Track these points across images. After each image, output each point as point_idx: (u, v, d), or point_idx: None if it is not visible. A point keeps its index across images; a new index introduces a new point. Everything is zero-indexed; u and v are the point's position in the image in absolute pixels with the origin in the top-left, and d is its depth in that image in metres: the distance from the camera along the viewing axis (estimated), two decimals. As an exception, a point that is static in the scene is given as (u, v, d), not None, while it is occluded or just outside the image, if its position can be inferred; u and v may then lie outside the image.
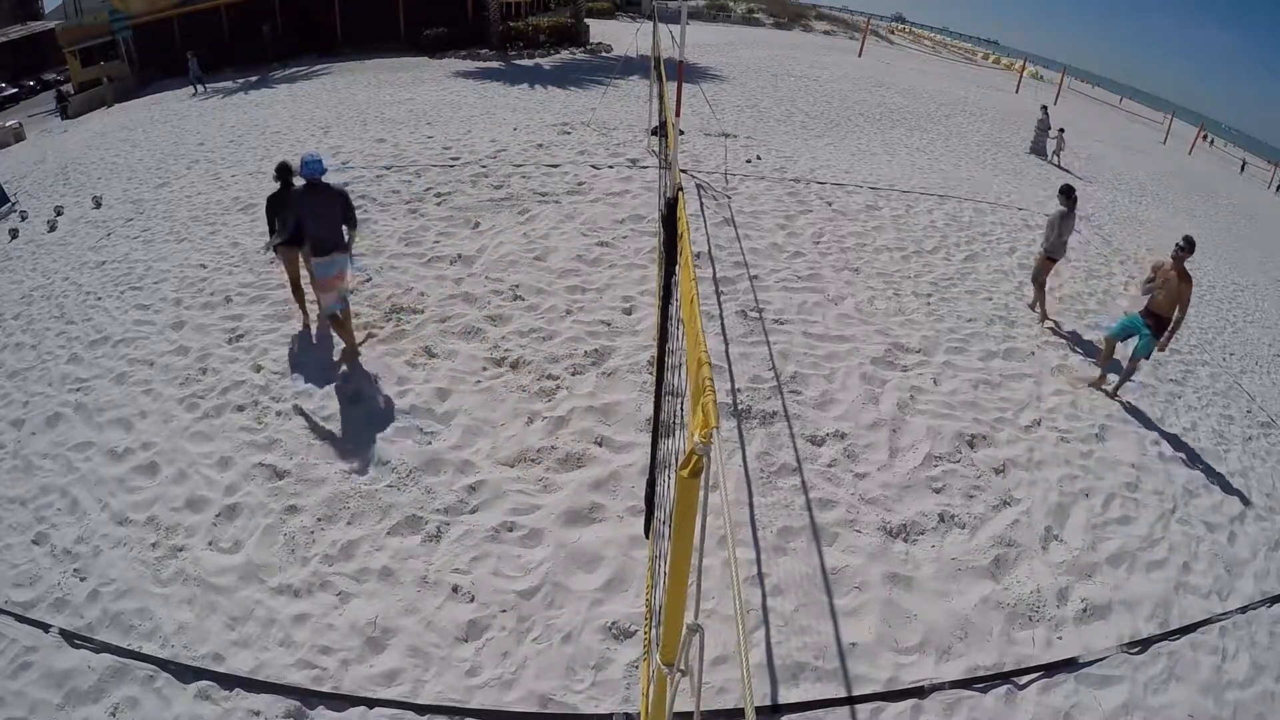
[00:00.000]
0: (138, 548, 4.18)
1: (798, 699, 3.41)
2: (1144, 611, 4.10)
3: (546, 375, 5.55)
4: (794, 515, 4.39)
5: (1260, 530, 5.03)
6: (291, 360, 5.78)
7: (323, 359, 5.78)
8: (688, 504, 1.54)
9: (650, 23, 11.95)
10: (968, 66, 38.41)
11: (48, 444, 5.11)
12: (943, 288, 7.40)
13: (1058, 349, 6.67)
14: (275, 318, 6.39)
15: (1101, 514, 4.76)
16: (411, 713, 3.32)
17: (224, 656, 3.55)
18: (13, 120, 19.97)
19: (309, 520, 4.30)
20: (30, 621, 3.78)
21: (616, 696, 3.39)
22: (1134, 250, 10.29)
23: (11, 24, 35.68)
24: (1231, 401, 6.69)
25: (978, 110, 19.82)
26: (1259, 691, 3.80)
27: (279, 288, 6.88)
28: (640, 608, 3.77)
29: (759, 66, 21.07)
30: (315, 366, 5.69)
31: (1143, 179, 17.03)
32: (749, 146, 11.50)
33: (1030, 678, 3.63)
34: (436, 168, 9.82)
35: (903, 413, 5.39)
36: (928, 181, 11.01)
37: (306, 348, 5.94)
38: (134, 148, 13.30)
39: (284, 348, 5.95)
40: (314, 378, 5.56)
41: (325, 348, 5.91)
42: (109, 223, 9.25)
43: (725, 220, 8.33)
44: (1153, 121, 36.44)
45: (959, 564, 4.21)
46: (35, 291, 7.55)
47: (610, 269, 7.11)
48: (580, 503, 4.41)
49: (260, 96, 16.77)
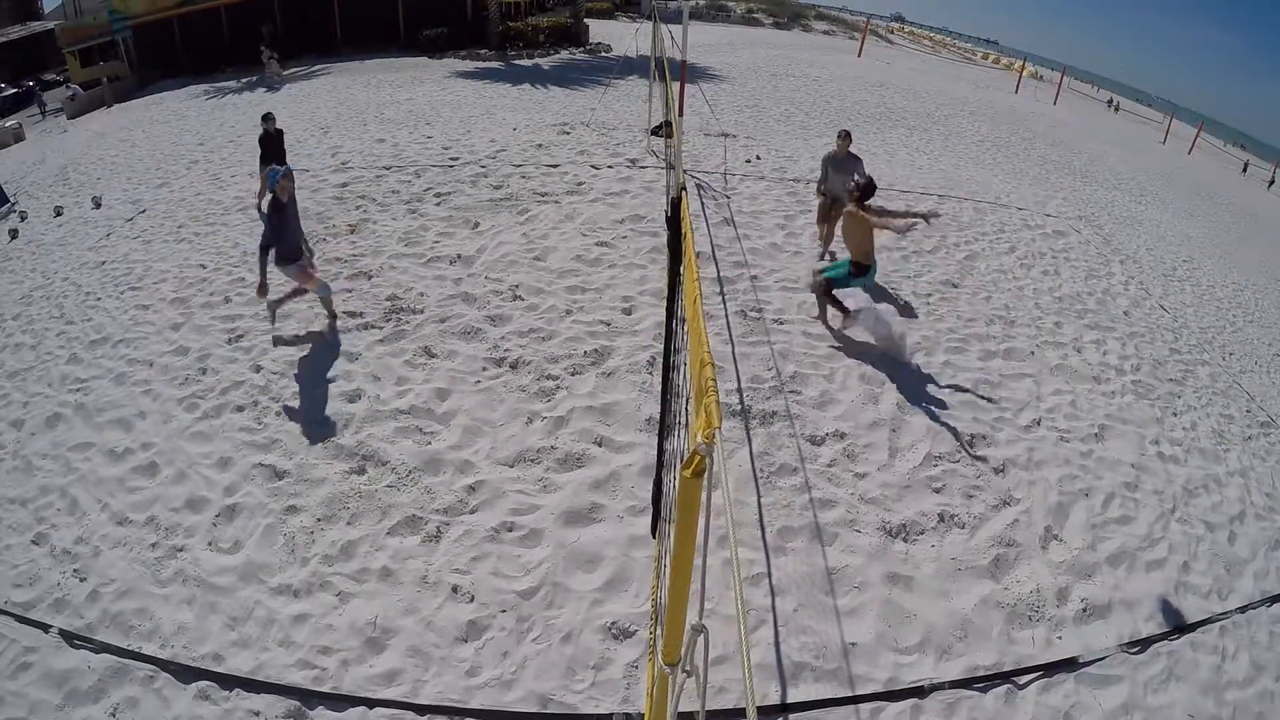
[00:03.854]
0: (137, 548, 4.18)
1: (798, 699, 3.41)
2: (1144, 611, 4.11)
3: (546, 375, 5.55)
4: (794, 515, 4.39)
5: (1260, 530, 5.04)
6: (291, 360, 5.77)
7: (322, 359, 5.78)
8: (690, 504, 1.54)
9: (650, 23, 11.95)
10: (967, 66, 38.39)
11: (47, 444, 5.11)
12: (942, 288, 7.40)
13: (1058, 348, 6.67)
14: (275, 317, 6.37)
15: (1101, 514, 4.76)
16: (411, 713, 3.33)
17: (224, 657, 3.55)
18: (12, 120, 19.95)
19: (309, 520, 4.30)
20: (30, 622, 3.78)
21: (616, 696, 3.39)
22: (1134, 250, 10.30)
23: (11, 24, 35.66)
24: (1231, 401, 6.69)
25: (977, 110, 19.82)
26: (1259, 691, 3.80)
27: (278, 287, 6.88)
28: (641, 607, 3.77)
29: (759, 66, 21.07)
30: (315, 366, 5.69)
31: (1142, 179, 17.03)
32: (749, 146, 11.50)
33: (1030, 677, 3.63)
34: (436, 168, 9.82)
35: (902, 413, 5.39)
36: (927, 181, 11.02)
37: (306, 347, 5.94)
38: (133, 148, 13.28)
39: (284, 347, 5.95)
40: (314, 377, 5.56)
41: (325, 347, 5.91)
42: (109, 223, 9.25)
43: (725, 220, 8.33)
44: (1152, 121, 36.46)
45: (959, 564, 4.21)
46: (35, 292, 7.54)
47: (610, 269, 7.11)
48: (580, 503, 4.41)
49: (260, 96, 16.76)
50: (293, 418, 5.14)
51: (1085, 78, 55.42)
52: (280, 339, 6.04)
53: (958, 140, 15.02)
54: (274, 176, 5.67)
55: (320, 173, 9.43)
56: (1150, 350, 7.12)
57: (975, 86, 26.65)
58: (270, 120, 8.60)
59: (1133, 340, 7.19)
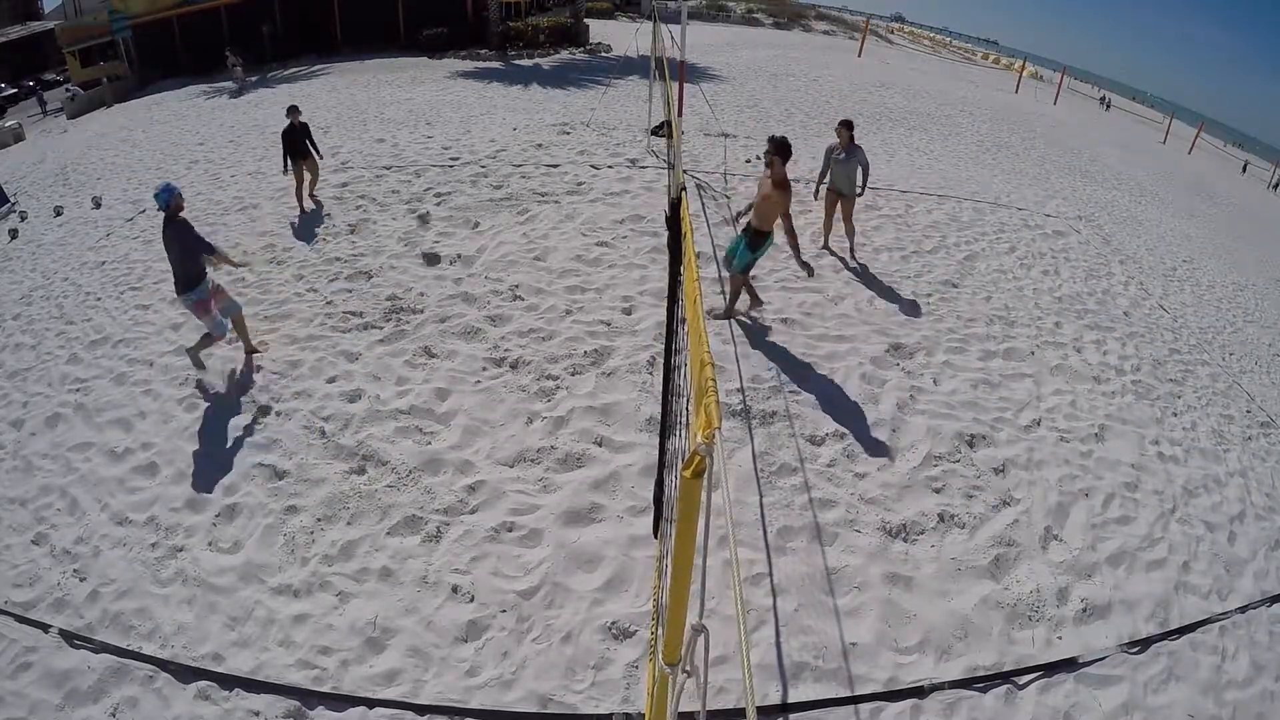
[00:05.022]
0: (137, 548, 4.18)
1: (798, 699, 3.41)
2: (1144, 611, 4.11)
3: (546, 375, 5.55)
4: (794, 515, 4.39)
5: (1260, 530, 5.04)
6: (291, 360, 5.77)
7: (323, 359, 5.78)
8: (690, 504, 1.54)
9: (650, 23, 11.95)
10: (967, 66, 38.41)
11: (47, 444, 5.11)
12: (942, 288, 7.40)
13: (1058, 349, 6.67)
14: (275, 317, 6.39)
15: (1101, 514, 4.76)
16: (411, 713, 3.33)
17: (224, 657, 3.55)
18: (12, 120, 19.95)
19: (309, 520, 4.30)
20: (30, 622, 3.78)
21: (616, 696, 3.39)
22: (1134, 250, 10.30)
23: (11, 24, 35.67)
24: (1231, 401, 6.69)
25: (977, 110, 19.82)
26: (1258, 691, 3.80)
27: (279, 287, 6.90)
28: (642, 607, 3.77)
29: (759, 66, 21.07)
30: (315, 366, 5.69)
31: (1142, 179, 17.03)
32: (749, 146, 11.50)
33: (1030, 677, 3.63)
34: (436, 168, 9.82)
35: (903, 413, 5.39)
36: (927, 181, 11.02)
37: (306, 347, 5.94)
38: (134, 148, 13.30)
39: (284, 347, 5.95)
40: (313, 377, 5.56)
41: (325, 347, 5.91)
42: (109, 223, 9.25)
43: (725, 220, 8.33)
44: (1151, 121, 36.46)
45: (959, 564, 4.21)
46: (35, 292, 7.55)
47: (610, 269, 7.11)
48: (580, 503, 4.41)
49: (260, 96, 16.77)
50: (293, 418, 5.14)
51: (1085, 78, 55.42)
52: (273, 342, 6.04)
53: (958, 140, 15.02)
54: (167, 195, 5.23)
55: (320, 172, 9.42)
56: (1150, 350, 7.12)
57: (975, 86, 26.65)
58: (295, 113, 8.55)
59: (1133, 340, 7.19)
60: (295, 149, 8.42)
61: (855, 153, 7.33)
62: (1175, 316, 8.30)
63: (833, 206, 7.67)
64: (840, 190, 7.50)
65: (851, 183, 7.41)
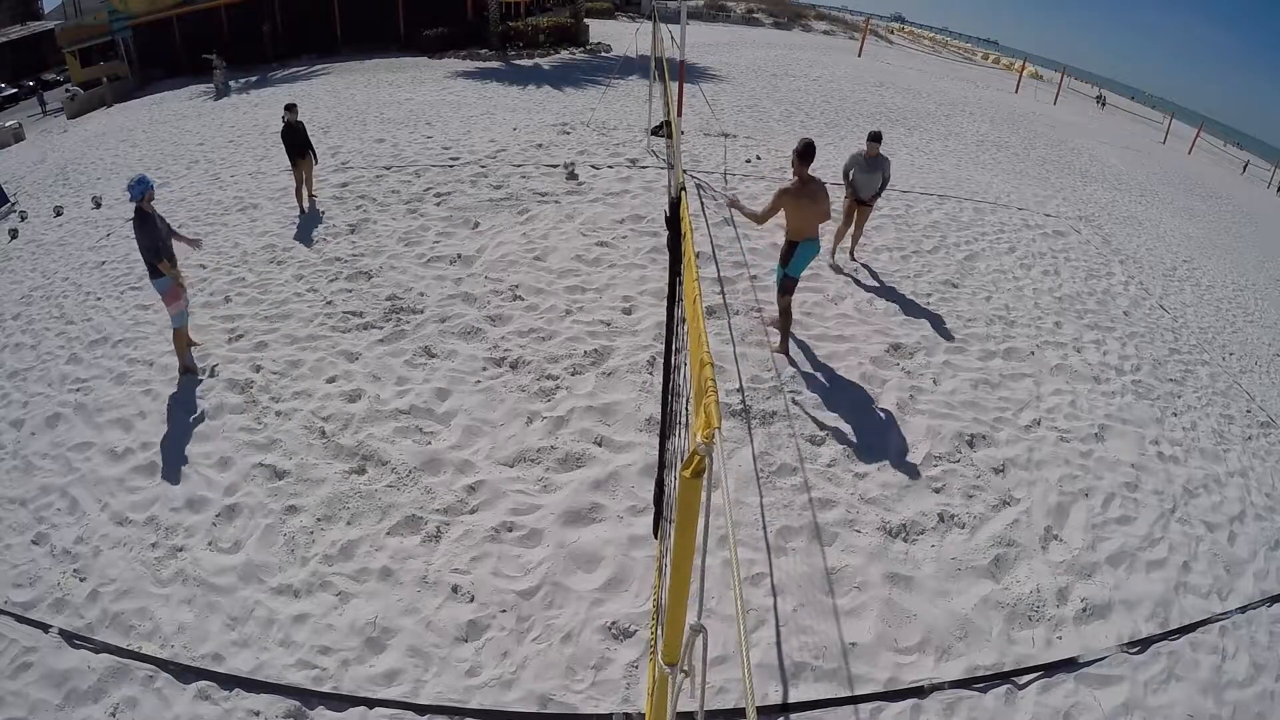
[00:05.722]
0: (137, 548, 4.18)
1: (798, 699, 3.41)
2: (1144, 611, 4.10)
3: (546, 375, 5.55)
4: (794, 515, 4.39)
5: (1260, 530, 5.04)
6: (291, 360, 5.77)
7: (323, 359, 5.78)
8: (690, 504, 1.54)
9: (650, 22, 11.95)
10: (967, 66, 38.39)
11: (47, 444, 5.11)
12: (942, 288, 7.40)
13: (1058, 349, 6.67)
14: (275, 318, 6.39)
15: (1101, 514, 4.76)
16: (411, 713, 3.33)
17: (224, 657, 3.55)
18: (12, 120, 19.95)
19: (309, 520, 4.30)
20: (30, 621, 3.78)
21: (616, 696, 3.39)
22: (1134, 250, 10.29)
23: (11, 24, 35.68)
24: (1231, 401, 6.69)
25: (977, 110, 19.82)
26: (1259, 691, 3.80)
27: (279, 287, 6.90)
28: (641, 607, 3.77)
29: (759, 66, 21.06)
30: (315, 366, 5.69)
31: (1142, 179, 17.03)
32: (749, 146, 11.50)
33: (1030, 677, 3.63)
34: (436, 168, 9.82)
35: (903, 413, 5.39)
36: (927, 181, 11.02)
37: (306, 347, 5.94)
38: (134, 148, 13.30)
39: (284, 347, 5.95)
40: (314, 377, 5.56)
41: (325, 347, 5.91)
42: (109, 223, 9.25)
43: (725, 220, 8.33)
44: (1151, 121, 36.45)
45: (959, 564, 4.21)
46: (35, 292, 7.55)
47: (610, 269, 7.11)
48: (580, 503, 4.41)
49: (260, 96, 16.77)
50: (293, 418, 5.14)
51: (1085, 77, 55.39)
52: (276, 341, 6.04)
53: (957, 140, 15.02)
54: (141, 189, 5.22)
55: (320, 173, 9.42)
56: (1150, 350, 7.12)
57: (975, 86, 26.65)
58: (293, 111, 8.59)
59: (1133, 340, 7.19)
60: (294, 147, 8.42)
61: (881, 164, 7.33)
62: (1175, 316, 8.30)
63: (851, 211, 7.62)
64: (861, 198, 7.50)
65: (872, 190, 7.40)
